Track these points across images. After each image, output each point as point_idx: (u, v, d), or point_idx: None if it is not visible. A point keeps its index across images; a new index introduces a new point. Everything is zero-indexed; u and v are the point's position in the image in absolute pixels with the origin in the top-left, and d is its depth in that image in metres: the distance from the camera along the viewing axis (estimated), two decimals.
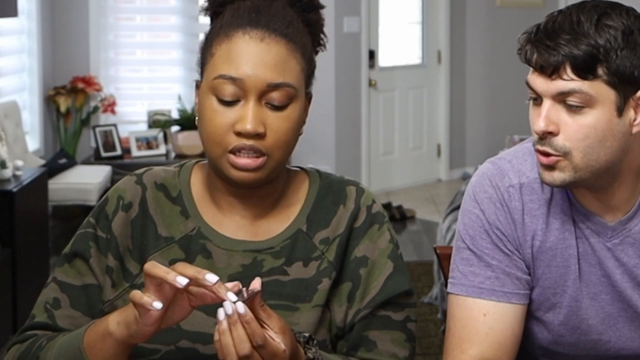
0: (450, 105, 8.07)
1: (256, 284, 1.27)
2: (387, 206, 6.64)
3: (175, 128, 6.49)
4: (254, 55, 1.41)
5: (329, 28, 8.10)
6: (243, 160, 1.41)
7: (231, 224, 1.50)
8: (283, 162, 1.45)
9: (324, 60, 7.42)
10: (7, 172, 4.44)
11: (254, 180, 1.43)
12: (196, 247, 1.48)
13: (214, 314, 1.41)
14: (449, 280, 1.64)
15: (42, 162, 5.80)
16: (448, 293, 1.64)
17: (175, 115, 6.54)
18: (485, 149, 7.74)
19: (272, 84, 1.40)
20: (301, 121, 1.46)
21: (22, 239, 4.34)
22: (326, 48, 1.55)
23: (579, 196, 1.59)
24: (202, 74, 1.47)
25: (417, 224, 6.63)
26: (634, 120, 1.49)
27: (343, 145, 7.24)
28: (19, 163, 4.59)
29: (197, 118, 1.48)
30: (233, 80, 1.40)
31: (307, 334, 1.37)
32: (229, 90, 1.40)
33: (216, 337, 1.26)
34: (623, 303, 1.61)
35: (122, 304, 1.45)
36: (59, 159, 6.03)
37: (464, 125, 8.18)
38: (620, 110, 1.47)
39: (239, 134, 1.40)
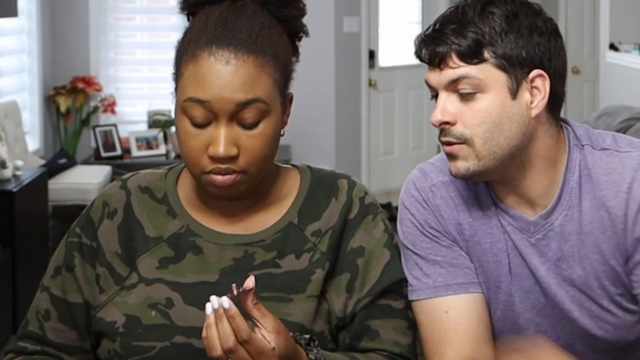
0: None
1: (249, 282, 1.28)
2: (387, 206, 6.64)
3: (175, 128, 6.47)
4: (220, 78, 1.38)
5: (328, 28, 8.06)
6: (220, 179, 1.41)
7: (221, 220, 1.51)
8: (261, 174, 1.45)
9: (324, 60, 7.46)
10: (7, 172, 4.44)
11: (233, 195, 1.45)
12: (185, 244, 1.49)
13: None
14: (408, 289, 1.63)
15: (42, 162, 5.80)
16: (410, 302, 1.62)
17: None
18: None
19: (242, 102, 1.38)
20: (276, 134, 1.45)
21: (22, 239, 4.35)
22: (309, 35, 1.53)
23: (498, 192, 1.59)
24: (175, 89, 1.46)
25: None
26: (531, 102, 1.50)
27: (343, 145, 7.24)
28: (19, 163, 4.59)
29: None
30: (201, 102, 1.39)
31: (307, 336, 1.38)
32: (198, 113, 1.39)
33: (204, 333, 1.28)
34: (549, 300, 1.59)
35: (112, 307, 1.47)
36: (59, 159, 6.03)
37: None
38: (514, 93, 1.49)
39: (212, 158, 1.40)
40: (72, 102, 6.59)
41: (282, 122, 1.47)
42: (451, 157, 1.53)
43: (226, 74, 1.38)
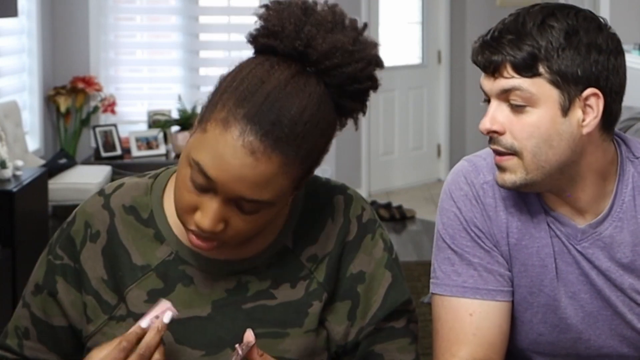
0: (450, 105, 8.07)
1: (249, 336, 1.27)
2: (387, 206, 6.64)
3: (175, 128, 6.49)
4: (236, 167, 1.27)
5: None
6: (197, 242, 1.34)
7: None
8: (246, 238, 1.37)
9: None
10: (7, 172, 4.44)
11: (211, 251, 1.38)
12: (175, 273, 1.42)
13: (199, 346, 1.39)
14: (432, 280, 1.64)
15: (42, 162, 5.80)
16: (432, 294, 1.63)
17: (175, 115, 6.54)
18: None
19: (245, 199, 1.30)
20: (273, 215, 1.36)
21: (22, 239, 4.34)
22: (365, 114, 1.47)
23: (547, 199, 1.58)
24: (200, 120, 1.33)
25: (417, 224, 6.63)
26: (583, 120, 1.49)
27: (343, 145, 7.24)
28: (19, 163, 4.59)
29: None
30: (207, 178, 1.29)
31: None
32: (201, 181, 1.30)
33: None
34: (602, 302, 1.60)
35: (101, 337, 1.41)
36: (59, 159, 6.03)
37: (464, 125, 8.18)
38: (565, 110, 1.47)
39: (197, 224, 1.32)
40: (72, 102, 6.59)
41: (286, 200, 1.38)
42: (499, 168, 1.52)
43: (244, 165, 1.27)
